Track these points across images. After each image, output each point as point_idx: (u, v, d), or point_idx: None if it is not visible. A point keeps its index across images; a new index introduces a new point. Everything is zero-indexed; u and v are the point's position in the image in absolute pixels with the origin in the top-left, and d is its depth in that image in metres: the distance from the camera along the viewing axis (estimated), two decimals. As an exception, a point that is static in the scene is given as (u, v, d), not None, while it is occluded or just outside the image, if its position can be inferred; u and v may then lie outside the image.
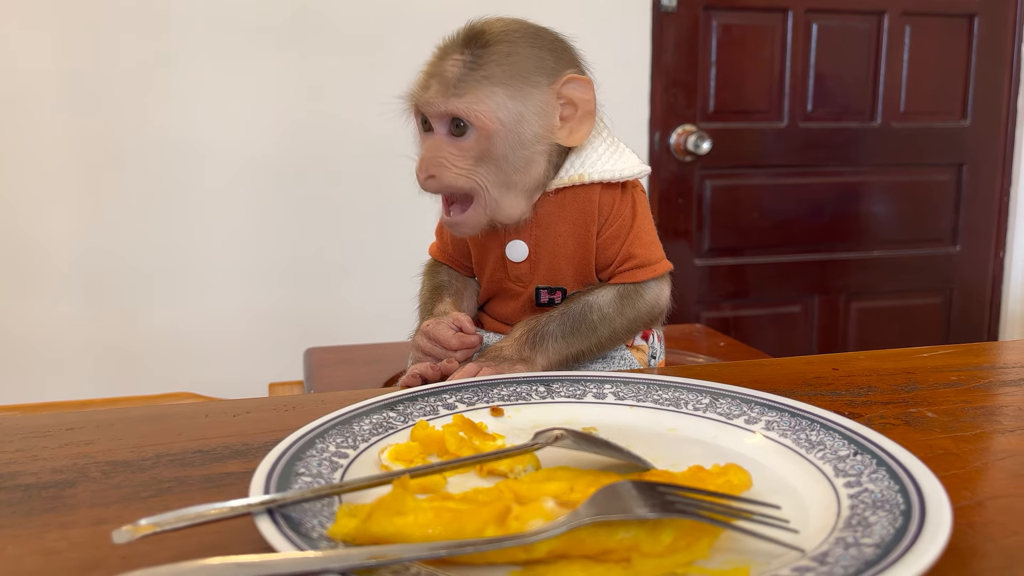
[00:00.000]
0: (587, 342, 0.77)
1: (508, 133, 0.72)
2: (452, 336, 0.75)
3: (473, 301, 0.87)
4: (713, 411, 0.56)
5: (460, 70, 0.72)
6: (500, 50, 0.72)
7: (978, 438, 0.55)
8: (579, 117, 0.75)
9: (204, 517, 0.39)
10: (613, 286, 0.79)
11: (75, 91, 1.74)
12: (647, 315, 0.80)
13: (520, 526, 0.38)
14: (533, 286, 0.81)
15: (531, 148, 0.73)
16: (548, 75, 0.73)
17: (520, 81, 0.72)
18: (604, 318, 0.77)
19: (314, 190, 1.90)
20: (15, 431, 0.58)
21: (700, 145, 2.10)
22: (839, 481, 0.45)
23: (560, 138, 0.74)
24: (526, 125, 0.72)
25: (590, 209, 0.78)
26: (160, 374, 1.87)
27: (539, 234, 0.79)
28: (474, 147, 0.72)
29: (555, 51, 0.75)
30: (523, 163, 0.73)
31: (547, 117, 0.73)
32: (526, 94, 0.72)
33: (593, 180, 0.77)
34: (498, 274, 0.82)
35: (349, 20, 1.84)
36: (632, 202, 0.79)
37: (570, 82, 0.74)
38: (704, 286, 2.23)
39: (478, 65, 0.71)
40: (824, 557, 0.36)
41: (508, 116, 0.71)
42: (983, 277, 2.45)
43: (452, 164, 0.72)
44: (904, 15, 2.23)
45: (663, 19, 2.07)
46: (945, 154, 2.35)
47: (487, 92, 0.71)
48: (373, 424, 0.53)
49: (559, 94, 0.74)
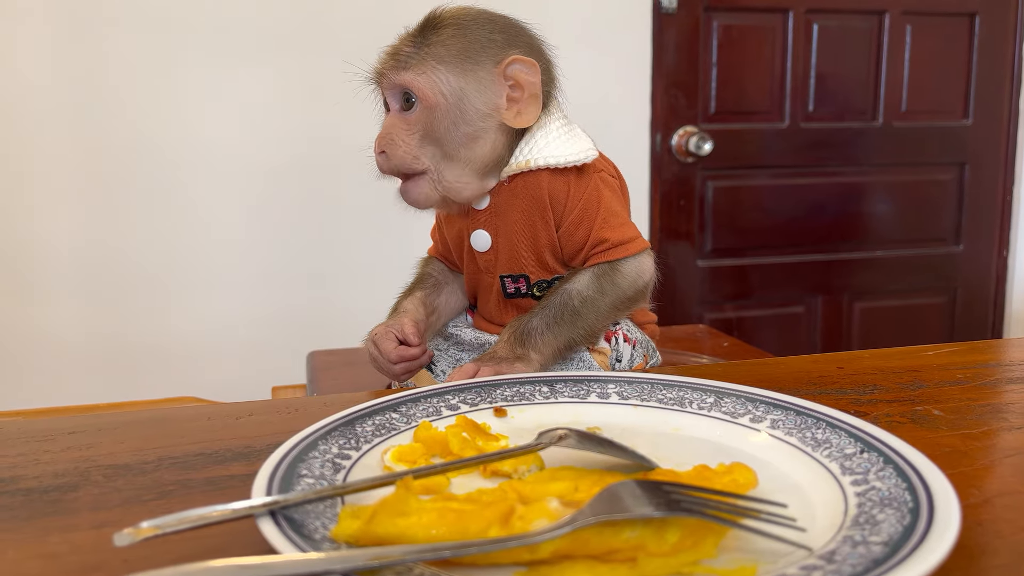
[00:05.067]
0: (575, 328, 0.77)
1: (450, 107, 0.74)
2: (392, 350, 0.78)
3: (456, 296, 0.89)
4: (718, 410, 0.56)
5: (411, 48, 0.76)
6: (450, 31, 0.75)
7: (985, 435, 0.55)
8: (525, 99, 0.76)
9: (206, 520, 0.38)
10: (589, 268, 0.79)
11: (75, 94, 1.74)
12: (631, 290, 0.80)
13: (524, 526, 0.38)
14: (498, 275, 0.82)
15: (474, 124, 0.75)
16: (494, 56, 0.76)
17: (464, 59, 0.75)
18: (586, 301, 0.77)
19: (316, 193, 1.90)
20: (17, 435, 0.58)
21: (701, 146, 2.09)
22: (846, 479, 0.44)
23: (507, 119, 0.76)
24: (468, 101, 0.75)
25: (540, 195, 0.78)
26: (162, 378, 1.87)
27: (498, 223, 0.80)
28: (419, 120, 0.75)
29: (508, 34, 0.77)
30: (466, 139, 0.76)
31: (491, 96, 0.76)
32: (469, 71, 0.75)
33: (539, 166, 0.78)
34: (472, 266, 0.84)
35: (350, 23, 1.84)
36: (594, 187, 0.79)
37: (515, 63, 0.75)
38: (707, 287, 2.22)
39: (427, 43, 0.75)
40: (832, 555, 0.36)
41: (450, 90, 0.74)
42: (986, 276, 2.45)
43: (401, 140, 0.75)
44: (905, 14, 2.23)
45: (664, 20, 2.07)
46: (947, 153, 2.34)
47: (431, 66, 0.75)
48: (376, 425, 0.53)
49: (505, 75, 0.76)
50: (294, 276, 1.92)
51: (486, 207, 0.80)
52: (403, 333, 0.79)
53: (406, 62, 0.75)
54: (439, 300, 0.88)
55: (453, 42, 0.75)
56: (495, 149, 0.77)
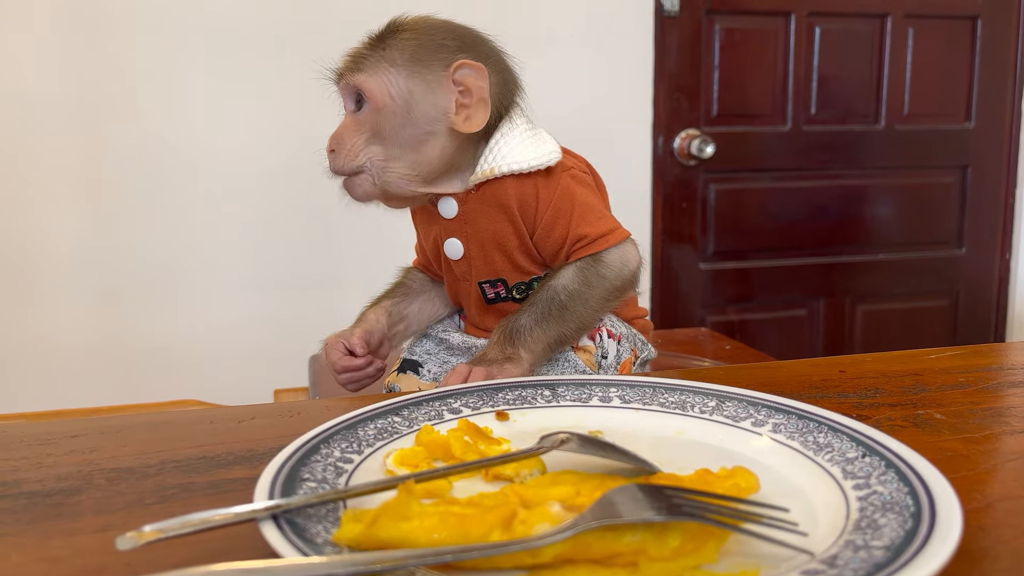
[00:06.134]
0: (565, 324, 0.77)
1: (397, 109, 0.75)
2: (338, 359, 0.80)
3: (432, 305, 0.90)
4: (720, 414, 0.56)
5: (367, 51, 0.78)
6: (405, 36, 0.77)
7: (987, 439, 0.55)
8: (474, 104, 0.77)
9: (209, 523, 0.38)
10: (573, 263, 0.79)
11: (77, 97, 1.75)
12: (618, 280, 0.80)
13: (526, 530, 0.38)
14: (475, 284, 0.82)
15: (421, 127, 0.76)
16: (444, 60, 0.76)
17: (415, 63, 0.76)
18: (572, 295, 0.77)
19: (318, 197, 1.90)
20: (20, 439, 0.58)
21: (704, 149, 2.09)
22: (848, 483, 0.44)
23: (457, 123, 0.76)
24: (416, 104, 0.75)
25: (506, 201, 0.79)
26: (165, 381, 1.87)
27: (469, 231, 0.81)
28: (367, 120, 0.76)
29: (462, 41, 0.78)
30: (413, 141, 0.76)
31: (439, 99, 0.76)
32: (418, 74, 0.76)
33: (503, 172, 0.78)
34: (450, 274, 0.84)
35: (351, 26, 1.84)
36: (565, 186, 0.80)
37: (462, 67, 0.76)
38: (709, 290, 2.22)
39: (383, 47, 0.77)
40: (833, 560, 0.36)
41: (398, 92, 0.75)
42: (989, 279, 2.45)
43: (348, 139, 0.77)
44: (907, 17, 2.23)
45: (666, 24, 2.07)
46: (949, 156, 2.34)
47: (382, 69, 0.76)
48: (378, 429, 0.53)
49: (454, 79, 0.76)
50: (296, 279, 1.92)
51: (456, 216, 0.81)
52: (350, 343, 0.80)
53: (361, 64, 0.77)
54: (409, 309, 0.88)
55: (406, 46, 0.76)
56: (444, 153, 0.77)
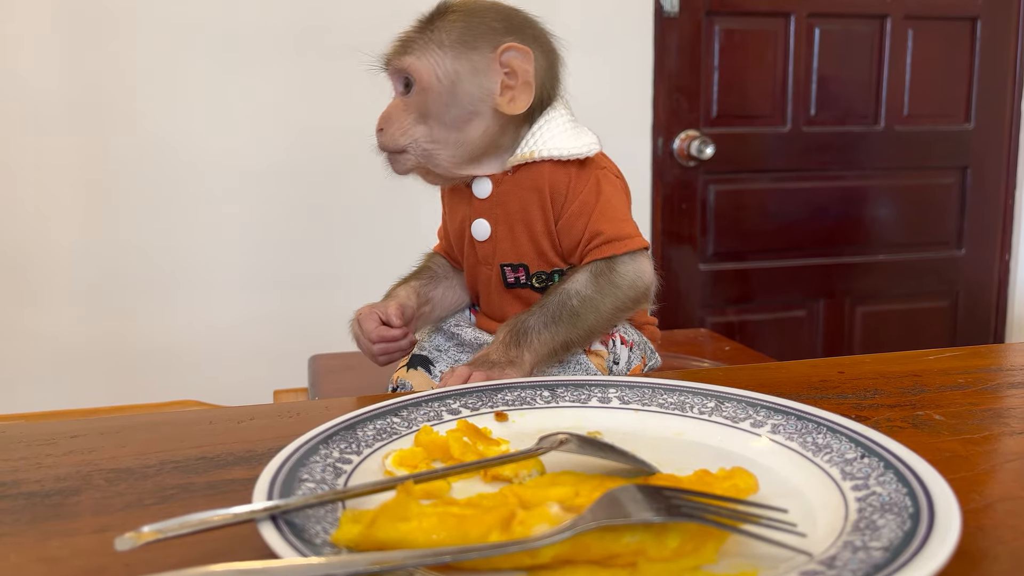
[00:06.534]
0: (573, 329, 0.76)
1: (443, 89, 0.77)
2: (373, 329, 0.80)
3: (454, 292, 0.90)
4: (719, 415, 0.56)
5: (416, 34, 0.79)
6: (452, 18, 0.78)
7: (986, 440, 0.55)
8: (519, 86, 0.78)
9: (207, 524, 0.38)
10: (586, 267, 0.79)
11: (78, 98, 1.75)
12: (630, 291, 0.79)
13: (525, 531, 0.38)
14: (496, 266, 0.82)
15: (465, 107, 0.78)
16: (492, 42, 0.77)
17: (462, 45, 0.77)
18: (584, 301, 0.77)
19: (318, 197, 1.90)
20: (19, 439, 0.58)
21: (703, 150, 2.09)
22: (846, 484, 0.44)
23: (501, 105, 0.78)
24: (461, 85, 0.77)
25: (541, 185, 0.80)
26: (164, 382, 1.87)
27: (499, 212, 0.81)
28: (415, 102, 0.78)
29: (510, 23, 0.79)
30: (458, 121, 0.78)
31: (485, 80, 0.77)
32: (464, 56, 0.77)
33: (543, 157, 0.79)
34: (472, 257, 0.85)
35: (354, 28, 1.85)
36: (595, 181, 0.80)
37: (509, 50, 0.77)
38: (708, 291, 2.22)
39: (430, 30, 0.78)
40: (832, 561, 0.36)
41: (444, 73, 0.77)
42: (988, 280, 2.45)
43: (396, 119, 0.78)
44: (907, 19, 2.23)
45: (665, 24, 2.07)
46: (949, 157, 2.34)
47: (430, 51, 0.77)
48: (377, 430, 0.53)
49: (500, 61, 0.77)
50: (296, 279, 1.92)
51: (488, 196, 0.81)
52: (386, 314, 0.80)
53: (410, 47, 0.78)
54: (435, 292, 0.88)
55: (455, 28, 0.77)
56: (487, 134, 0.79)
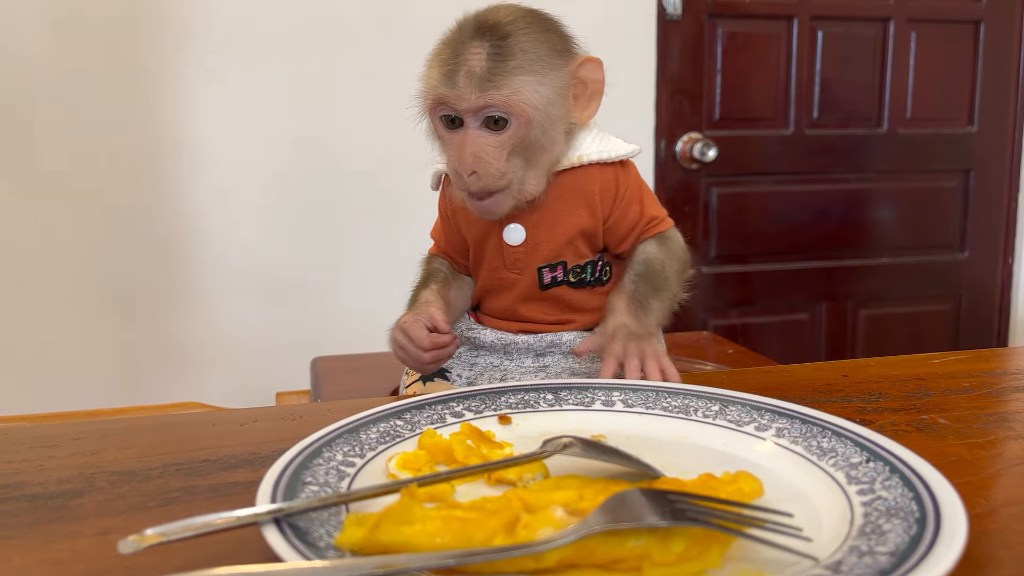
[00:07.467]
0: (668, 294, 0.80)
1: (542, 119, 0.75)
2: (425, 337, 0.76)
3: (463, 292, 0.89)
4: (723, 418, 0.56)
5: (488, 62, 0.72)
6: (521, 38, 0.74)
7: (991, 444, 0.55)
8: (588, 96, 0.79)
9: (210, 527, 0.38)
10: (649, 242, 0.83)
11: (80, 97, 1.75)
12: (685, 256, 0.85)
13: (529, 535, 0.38)
14: (530, 270, 0.82)
15: (556, 129, 0.77)
16: (563, 57, 0.77)
17: (544, 66, 0.75)
18: (664, 264, 0.81)
19: (321, 199, 1.90)
20: (22, 441, 0.58)
21: (706, 153, 2.09)
22: (852, 488, 0.44)
23: (576, 117, 0.78)
24: (553, 107, 0.76)
25: (589, 188, 0.81)
26: (167, 384, 1.87)
27: (536, 217, 0.81)
28: (513, 136, 0.74)
29: (560, 33, 0.79)
30: (549, 144, 0.77)
31: (566, 97, 0.77)
32: (549, 79, 0.75)
33: (592, 160, 0.81)
34: (495, 262, 0.84)
35: (359, 30, 1.85)
36: (634, 175, 0.85)
37: (586, 63, 0.78)
38: (711, 293, 2.22)
39: (505, 56, 0.73)
40: (838, 566, 0.36)
41: (540, 101, 0.74)
42: (992, 283, 2.44)
43: (491, 159, 0.74)
44: (910, 22, 2.23)
45: (668, 27, 2.07)
46: (952, 160, 2.34)
47: (521, 81, 0.73)
48: (380, 433, 0.53)
49: (575, 75, 0.77)
50: (299, 282, 1.92)
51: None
52: (433, 321, 0.77)
53: (492, 79, 0.72)
54: (451, 295, 0.88)
55: (530, 48, 0.74)
56: (561, 149, 0.80)
